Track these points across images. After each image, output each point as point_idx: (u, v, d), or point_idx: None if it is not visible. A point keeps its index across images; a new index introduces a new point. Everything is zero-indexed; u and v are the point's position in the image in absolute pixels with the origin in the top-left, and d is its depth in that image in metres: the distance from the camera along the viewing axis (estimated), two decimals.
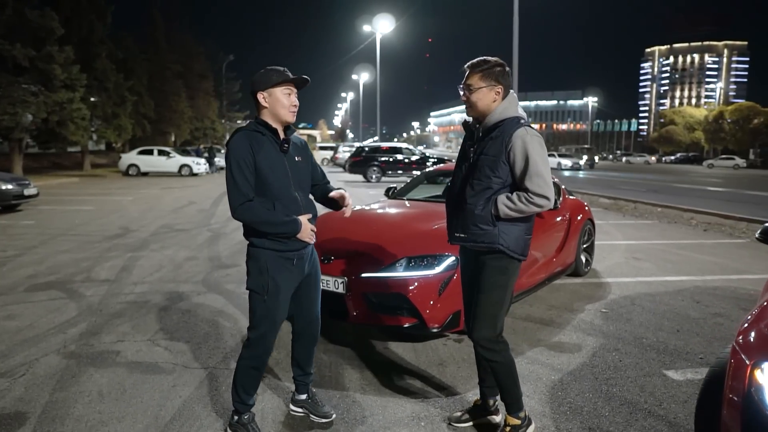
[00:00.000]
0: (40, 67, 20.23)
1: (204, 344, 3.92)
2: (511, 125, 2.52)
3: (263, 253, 2.52)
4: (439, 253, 3.88)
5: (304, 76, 2.53)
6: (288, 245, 2.53)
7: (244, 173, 2.42)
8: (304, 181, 2.64)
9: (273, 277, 2.51)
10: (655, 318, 4.67)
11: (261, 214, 2.44)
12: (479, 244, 2.57)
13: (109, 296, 5.14)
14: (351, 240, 4.22)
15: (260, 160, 2.44)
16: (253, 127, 2.53)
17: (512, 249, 2.56)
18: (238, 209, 2.43)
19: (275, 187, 2.46)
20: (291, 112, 2.53)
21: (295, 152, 2.62)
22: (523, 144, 2.46)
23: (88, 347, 3.83)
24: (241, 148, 2.45)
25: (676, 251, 7.85)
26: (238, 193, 2.42)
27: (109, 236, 8.59)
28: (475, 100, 2.57)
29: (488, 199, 2.52)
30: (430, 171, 6.24)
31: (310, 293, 2.74)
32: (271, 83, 2.48)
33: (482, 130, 2.60)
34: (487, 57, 2.59)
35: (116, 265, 6.49)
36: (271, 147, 2.51)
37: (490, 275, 2.58)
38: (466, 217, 2.57)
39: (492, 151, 2.51)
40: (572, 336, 4.21)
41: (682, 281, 6.03)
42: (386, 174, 23.44)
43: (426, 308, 3.71)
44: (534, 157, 2.46)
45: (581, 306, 5.02)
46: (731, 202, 15.50)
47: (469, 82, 2.57)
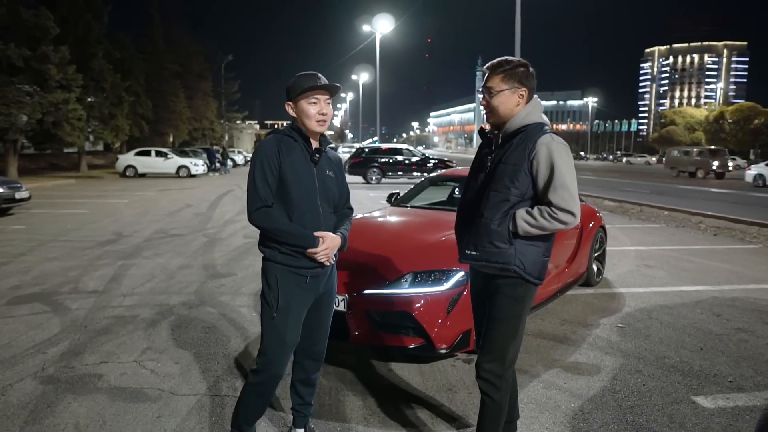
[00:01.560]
0: (35, 67, 19.94)
1: (194, 366, 3.63)
2: (534, 132, 2.25)
3: (274, 268, 2.36)
4: (447, 268, 3.60)
5: (336, 83, 2.35)
6: (301, 261, 2.34)
7: (266, 176, 2.27)
8: (332, 197, 2.45)
9: (283, 293, 2.35)
10: (675, 334, 4.39)
11: (277, 221, 2.29)
12: (492, 264, 2.28)
13: (95, 310, 4.85)
14: (353, 252, 3.92)
15: (287, 165, 2.30)
16: (286, 131, 2.39)
17: (528, 272, 2.27)
18: (254, 213, 2.28)
19: (298, 195, 2.30)
20: (318, 122, 2.35)
21: (327, 166, 2.45)
22: (548, 152, 2.18)
23: (69, 370, 3.54)
24: (268, 150, 2.30)
25: (688, 258, 7.57)
26: (257, 196, 2.28)
27: (101, 242, 8.31)
28: (497, 104, 2.28)
29: (506, 214, 2.23)
30: (434, 176, 5.96)
31: (320, 312, 2.53)
32: (295, 93, 2.33)
33: (502, 136, 2.32)
34: (509, 57, 2.31)
35: (106, 274, 6.21)
36: (301, 154, 2.36)
37: (504, 303, 2.30)
38: (479, 233, 2.29)
39: (512, 159, 2.23)
40: (589, 355, 3.93)
41: (699, 292, 5.75)
42: (386, 175, 23.18)
43: (433, 327, 3.44)
44: (560, 166, 2.18)
45: (596, 320, 4.74)
46: (738, 205, 15.23)
47: (489, 84, 2.29)
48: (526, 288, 2.29)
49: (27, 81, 20.26)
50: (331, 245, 2.36)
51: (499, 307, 2.30)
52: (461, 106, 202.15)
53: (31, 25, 20.03)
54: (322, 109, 2.33)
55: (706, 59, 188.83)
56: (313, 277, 2.39)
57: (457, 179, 5.85)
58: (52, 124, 21.54)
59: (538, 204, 2.24)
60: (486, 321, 2.35)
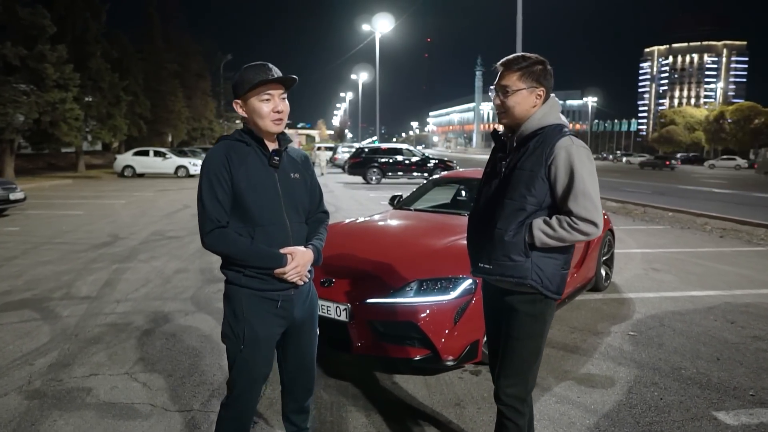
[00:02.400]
0: (32, 66, 19.74)
1: (188, 379, 3.46)
2: (552, 134, 2.07)
3: (239, 293, 2.03)
4: (454, 276, 3.43)
5: (292, 75, 2.02)
6: (270, 283, 2.02)
7: (215, 193, 1.95)
8: (299, 204, 2.12)
9: (250, 322, 2.02)
10: (689, 343, 4.22)
11: (235, 242, 1.97)
12: (507, 278, 2.09)
13: (87, 317, 4.68)
14: (354, 259, 3.77)
15: (239, 175, 1.97)
16: (236, 135, 2.06)
17: (546, 286, 2.08)
18: (207, 237, 1.97)
19: (258, 209, 1.98)
20: (274, 121, 2.01)
21: (292, 167, 2.12)
22: (567, 156, 2.01)
23: (56, 383, 3.37)
24: (214, 162, 1.98)
25: (696, 261, 7.41)
26: (206, 218, 1.96)
27: (96, 245, 8.13)
28: (512, 104, 2.10)
29: (521, 224, 2.05)
30: (438, 178, 5.79)
31: (300, 341, 2.19)
32: (244, 89, 1.99)
33: (517, 139, 2.13)
34: (526, 53, 2.13)
35: (100, 278, 6.03)
36: (257, 160, 2.03)
37: (523, 323, 2.12)
38: (493, 245, 2.10)
39: (528, 164, 2.05)
40: (602, 366, 3.76)
41: (710, 297, 5.58)
42: (386, 175, 23.02)
43: (440, 338, 3.27)
44: (581, 172, 2.00)
45: (606, 328, 4.57)
46: (742, 206, 15.07)
47: (504, 82, 2.10)
48: (545, 304, 2.12)
49: (23, 80, 20.06)
50: (302, 262, 2.04)
51: (517, 325, 2.12)
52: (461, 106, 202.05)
53: (27, 24, 19.84)
54: (277, 105, 2.01)
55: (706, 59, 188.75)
56: (286, 300, 2.07)
57: (462, 181, 5.69)
58: (49, 124, 21.34)
59: (557, 213, 2.07)
60: (503, 341, 2.17)
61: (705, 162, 61.08)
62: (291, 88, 2.06)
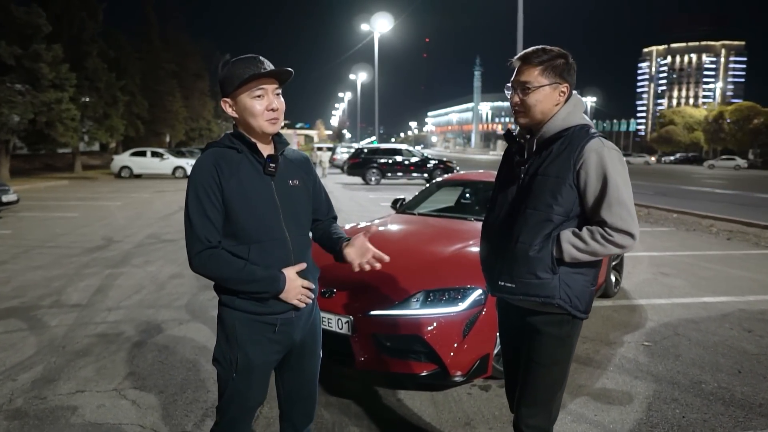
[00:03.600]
0: (27, 65, 19.52)
1: (180, 396, 3.26)
2: (579, 136, 1.87)
3: (232, 316, 1.81)
4: (462, 286, 3.23)
5: (287, 68, 1.79)
6: (268, 306, 1.80)
7: (204, 209, 1.73)
8: (300, 215, 1.90)
9: (244, 349, 1.81)
10: (707, 354, 4.03)
11: (227, 267, 1.74)
12: (532, 298, 1.89)
13: (76, 327, 4.47)
14: None
15: (230, 187, 1.75)
16: (226, 141, 1.83)
17: (575, 306, 1.89)
18: (195, 259, 1.74)
19: (253, 224, 1.76)
20: (269, 120, 1.78)
21: (290, 173, 1.89)
22: (599, 160, 1.81)
23: (39, 401, 3.16)
24: (202, 174, 1.75)
25: (705, 265, 7.22)
26: (195, 238, 1.73)
27: (89, 248, 7.92)
28: (534, 102, 1.89)
29: (548, 237, 1.84)
30: (441, 180, 5.59)
31: (300, 365, 1.98)
32: (233, 85, 1.75)
33: (537, 142, 1.92)
34: (546, 46, 1.92)
35: (91, 285, 5.82)
36: (251, 168, 1.80)
37: (548, 347, 1.92)
38: (516, 261, 1.89)
39: (554, 170, 1.85)
40: (618, 380, 3.56)
41: (723, 303, 5.39)
42: (385, 176, 22.83)
43: (448, 352, 3.07)
44: (614, 178, 1.80)
45: (619, 337, 4.38)
46: (746, 206, 14.90)
47: (525, 78, 1.89)
48: (573, 325, 1.92)
49: (19, 80, 19.85)
50: (306, 282, 1.83)
51: (542, 349, 1.92)
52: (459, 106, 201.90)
53: (22, 23, 19.61)
54: (272, 102, 1.77)
55: (704, 59, 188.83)
56: (285, 324, 1.84)
57: (467, 184, 5.49)
58: (44, 124, 21.12)
59: (586, 223, 1.87)
60: (525, 366, 1.97)
61: (704, 162, 60.96)
62: (286, 83, 1.85)
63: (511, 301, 2.01)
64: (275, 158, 1.83)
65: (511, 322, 2.06)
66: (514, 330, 2.05)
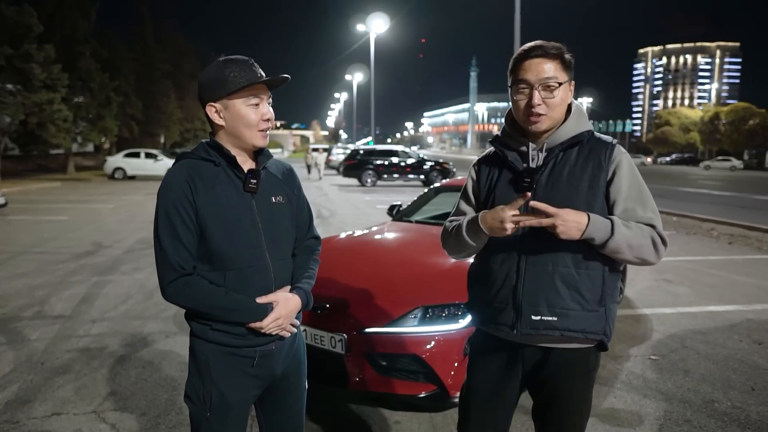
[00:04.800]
0: (18, 66, 19.28)
1: (163, 419, 3.06)
2: (598, 141, 1.68)
3: (205, 348, 1.61)
4: (463, 302, 3.04)
5: (283, 75, 1.60)
6: (244, 338, 1.61)
7: (177, 232, 1.54)
8: (283, 237, 1.69)
9: (218, 386, 1.61)
10: (717, 369, 3.86)
11: (205, 295, 1.55)
12: (574, 333, 1.61)
13: (58, 340, 4.27)
14: (351, 281, 3.37)
15: (206, 207, 1.55)
16: (201, 152, 1.62)
17: (609, 336, 1.70)
18: (168, 288, 1.55)
19: (231, 248, 1.56)
20: (261, 132, 1.61)
21: (273, 189, 1.69)
22: (630, 168, 1.64)
23: (11, 426, 2.96)
24: (173, 192, 1.55)
25: (708, 271, 7.06)
26: (167, 265, 1.54)
27: (77, 254, 7.70)
28: (560, 101, 1.63)
29: (591, 257, 1.60)
30: (439, 186, 5.41)
31: (283, 401, 1.77)
32: (227, 89, 1.55)
33: (547, 149, 1.66)
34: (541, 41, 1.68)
35: (77, 294, 5.61)
36: (229, 184, 1.60)
37: (579, 387, 1.71)
38: (554, 285, 1.60)
39: (584, 178, 1.61)
40: (626, 398, 3.39)
41: (730, 312, 5.23)
42: (381, 178, 22.68)
43: (448, 372, 2.89)
44: (646, 187, 1.66)
45: (624, 350, 4.20)
46: (745, 209, 14.78)
47: (550, 73, 1.61)
48: (597, 357, 1.74)
49: (9, 80, 19.59)
50: (285, 312, 1.62)
51: (569, 391, 1.71)
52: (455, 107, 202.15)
53: (13, 23, 19.34)
54: (267, 113, 1.61)
55: (699, 60, 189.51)
56: (265, 356, 1.65)
57: None
58: (36, 125, 20.87)
59: None
60: (544, 417, 1.77)
61: (700, 163, 61.05)
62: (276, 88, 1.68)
63: (531, 341, 1.70)
64: (257, 173, 1.63)
65: (506, 361, 1.77)
66: (508, 371, 1.77)
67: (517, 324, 1.65)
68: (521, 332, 1.66)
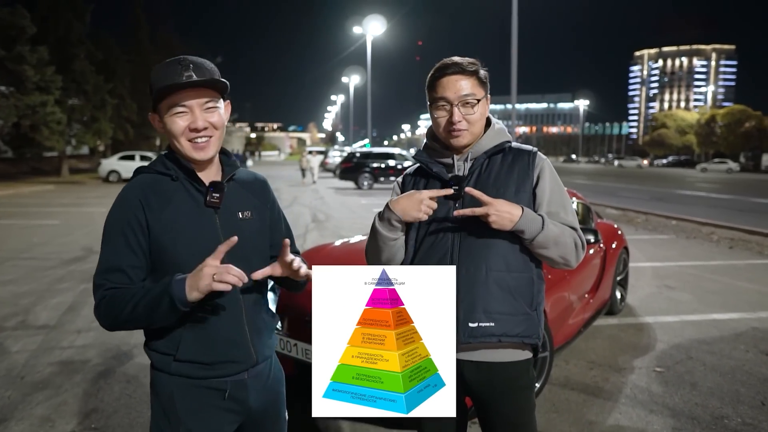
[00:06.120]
0: (10, 67, 19.10)
1: None
2: (518, 148, 1.72)
3: (169, 383, 1.43)
4: None
5: (219, 78, 1.42)
6: (212, 368, 1.42)
7: (118, 258, 1.37)
8: (252, 257, 1.48)
9: (186, 424, 1.43)
10: (725, 382, 3.72)
11: (123, 305, 1.33)
12: (511, 338, 1.58)
13: (40, 353, 4.11)
14: None
15: (161, 225, 1.39)
16: (158, 166, 1.47)
17: (543, 343, 1.77)
18: (96, 311, 1.38)
19: (189, 270, 1.32)
20: (191, 142, 1.41)
21: (240, 203, 1.50)
22: (552, 174, 1.69)
23: None
24: (123, 210, 1.40)
25: (710, 276, 6.94)
26: (95, 285, 1.39)
27: (66, 260, 7.53)
28: (479, 116, 1.66)
29: (522, 260, 1.63)
30: None
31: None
32: (153, 99, 1.41)
33: (472, 159, 1.69)
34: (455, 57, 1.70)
35: (63, 302, 5.45)
36: (188, 200, 1.43)
37: (520, 401, 1.64)
38: (490, 294, 1.57)
39: (511, 184, 1.64)
40: (631, 415, 3.24)
41: (734, 321, 5.10)
42: (378, 181, 22.55)
43: None
44: (566, 193, 1.73)
45: (628, 362, 4.06)
46: (744, 212, 14.69)
47: (469, 90, 1.63)
48: (533, 364, 1.71)
49: (2, 82, 19.44)
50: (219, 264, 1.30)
51: (514, 408, 1.64)
52: None
53: (5, 24, 19.16)
54: (196, 120, 1.39)
55: (695, 62, 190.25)
56: (237, 387, 1.47)
57: None
58: (29, 128, 20.67)
59: None
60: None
61: (697, 165, 61.14)
62: (225, 92, 1.49)
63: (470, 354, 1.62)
64: (219, 186, 1.45)
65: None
66: None
67: (460, 333, 1.58)
68: (460, 341, 1.57)
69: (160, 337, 1.43)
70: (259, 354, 1.49)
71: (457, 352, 1.58)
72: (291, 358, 3.05)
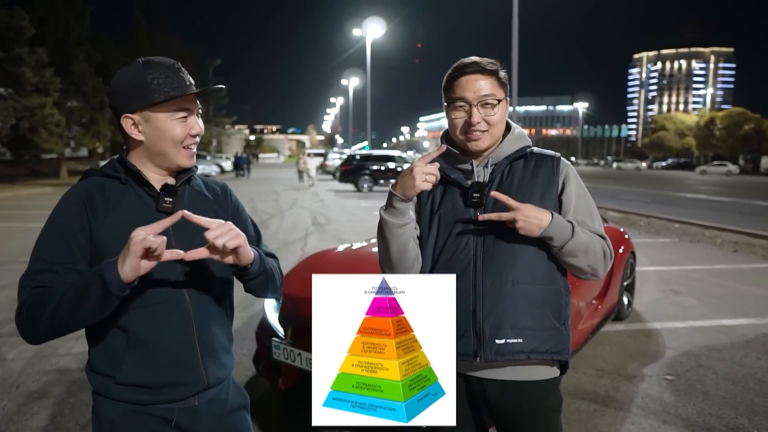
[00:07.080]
0: (9, 69, 19.00)
1: None
2: (541, 153, 1.63)
3: (111, 409, 1.31)
4: None
5: (217, 85, 1.41)
6: (159, 394, 1.30)
7: (52, 252, 1.26)
8: (208, 267, 1.37)
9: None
10: (738, 390, 3.64)
11: (47, 303, 1.19)
12: (541, 354, 1.49)
13: (37, 360, 4.01)
14: None
15: (104, 230, 1.28)
16: (109, 170, 1.37)
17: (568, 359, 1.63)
18: (20, 313, 1.25)
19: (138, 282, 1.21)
20: (186, 149, 1.35)
21: (197, 209, 1.32)
22: (577, 181, 1.60)
23: None
24: (62, 213, 1.31)
25: (716, 281, 6.86)
26: (20, 287, 1.26)
27: None
28: (500, 118, 1.56)
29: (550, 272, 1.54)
30: None
31: None
32: (149, 101, 1.29)
33: (492, 165, 1.59)
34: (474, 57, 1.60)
35: None
36: (138, 204, 1.33)
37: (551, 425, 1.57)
38: (515, 306, 1.47)
39: (536, 190, 1.55)
40: (644, 425, 3.16)
41: (743, 326, 5.02)
42: (378, 183, 22.47)
43: None
44: (592, 200, 1.63)
45: (638, 369, 3.98)
46: (746, 215, 14.63)
47: (489, 90, 1.53)
48: (559, 385, 1.63)
49: (0, 84, 19.31)
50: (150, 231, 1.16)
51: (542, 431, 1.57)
52: None
53: (4, 26, 19.07)
54: (195, 127, 1.35)
55: (694, 65, 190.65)
56: (186, 414, 1.34)
57: None
58: (27, 130, 20.58)
59: None
60: None
61: (696, 168, 61.20)
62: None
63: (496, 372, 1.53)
64: (173, 190, 1.36)
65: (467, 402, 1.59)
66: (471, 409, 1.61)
67: (480, 351, 1.49)
68: (486, 359, 1.49)
69: (100, 357, 1.31)
70: (210, 376, 1.36)
71: (481, 371, 1.52)
72: (295, 368, 2.96)
